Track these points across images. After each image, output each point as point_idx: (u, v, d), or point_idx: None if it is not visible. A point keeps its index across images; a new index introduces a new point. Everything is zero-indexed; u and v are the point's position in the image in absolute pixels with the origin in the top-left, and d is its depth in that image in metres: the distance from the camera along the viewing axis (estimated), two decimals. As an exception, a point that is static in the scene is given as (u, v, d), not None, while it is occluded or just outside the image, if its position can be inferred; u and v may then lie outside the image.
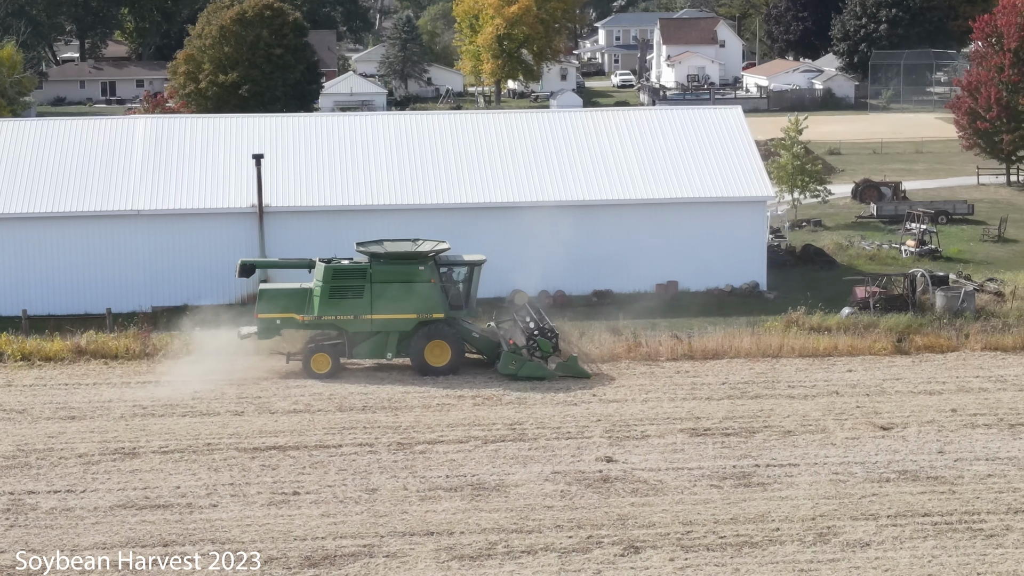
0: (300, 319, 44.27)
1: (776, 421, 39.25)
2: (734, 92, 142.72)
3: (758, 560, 29.30)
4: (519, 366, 43.46)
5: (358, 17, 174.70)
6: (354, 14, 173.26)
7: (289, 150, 54.92)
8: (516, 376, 43.32)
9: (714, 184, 54.44)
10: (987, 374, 44.28)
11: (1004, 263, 60.39)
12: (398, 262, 44.32)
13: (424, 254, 44.61)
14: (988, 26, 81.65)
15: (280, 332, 44.70)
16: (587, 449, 36.78)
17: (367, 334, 44.28)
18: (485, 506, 32.60)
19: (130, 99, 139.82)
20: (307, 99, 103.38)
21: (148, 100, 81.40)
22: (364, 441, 37.70)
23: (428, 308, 44.06)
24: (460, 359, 44.23)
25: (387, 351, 44.36)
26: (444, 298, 44.31)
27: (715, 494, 33.30)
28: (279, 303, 44.39)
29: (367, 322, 44.04)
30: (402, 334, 44.18)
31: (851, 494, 33.15)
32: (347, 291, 43.93)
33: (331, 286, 43.95)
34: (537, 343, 44.08)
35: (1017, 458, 35.84)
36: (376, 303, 43.86)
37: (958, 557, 29.37)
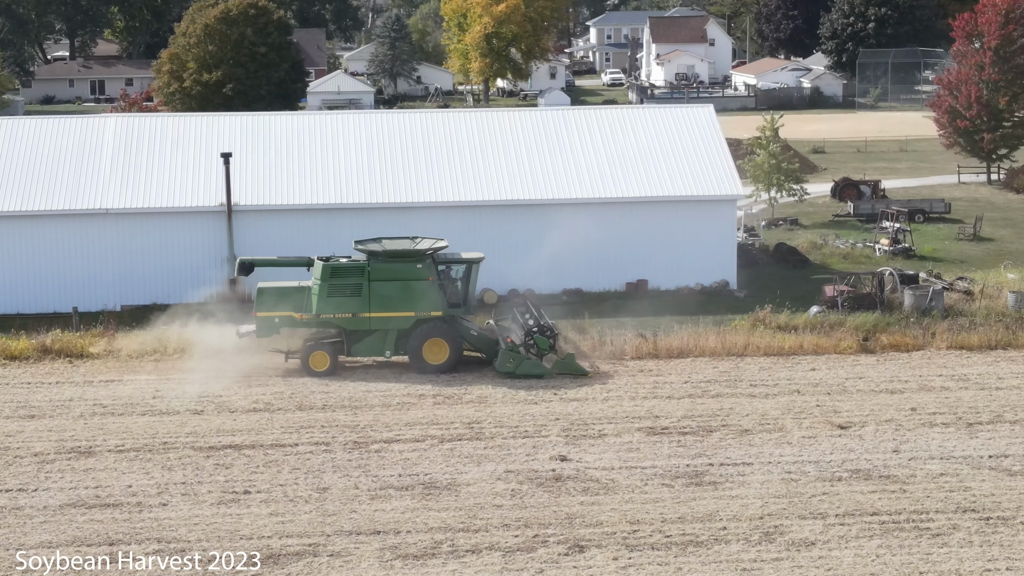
0: (298, 317, 44.34)
1: (734, 420, 39.22)
2: (722, 91, 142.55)
3: (701, 559, 29.27)
4: (516, 364, 43.49)
5: (348, 16, 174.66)
6: (344, 13, 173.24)
7: (260, 149, 54.87)
8: (514, 374, 43.38)
9: (684, 183, 54.37)
10: (950, 373, 44.24)
11: (978, 262, 60.34)
12: (396, 260, 44.41)
13: (422, 252, 44.67)
14: (968, 24, 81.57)
15: (278, 330, 44.74)
16: (543, 448, 36.75)
17: (365, 332, 44.34)
18: (434, 505, 32.57)
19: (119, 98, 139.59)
20: (291, 98, 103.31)
21: (125, 99, 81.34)
22: (320, 440, 37.68)
23: (426, 306, 44.11)
24: (458, 357, 44.33)
25: (385, 349, 44.40)
26: (442, 296, 44.38)
27: (665, 493, 33.27)
28: (277, 301, 44.47)
29: (365, 320, 44.11)
30: (400, 332, 44.24)
31: (801, 493, 33.13)
32: (345, 289, 44.01)
33: (329, 284, 44.03)
34: (535, 341, 44.12)
35: (972, 457, 35.81)
36: (374, 301, 43.93)
37: (902, 556, 29.35)
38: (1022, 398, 41.21)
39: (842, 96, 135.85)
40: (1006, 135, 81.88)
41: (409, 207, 53.00)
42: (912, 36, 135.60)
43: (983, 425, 38.64)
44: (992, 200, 77.89)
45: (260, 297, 44.69)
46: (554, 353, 44.47)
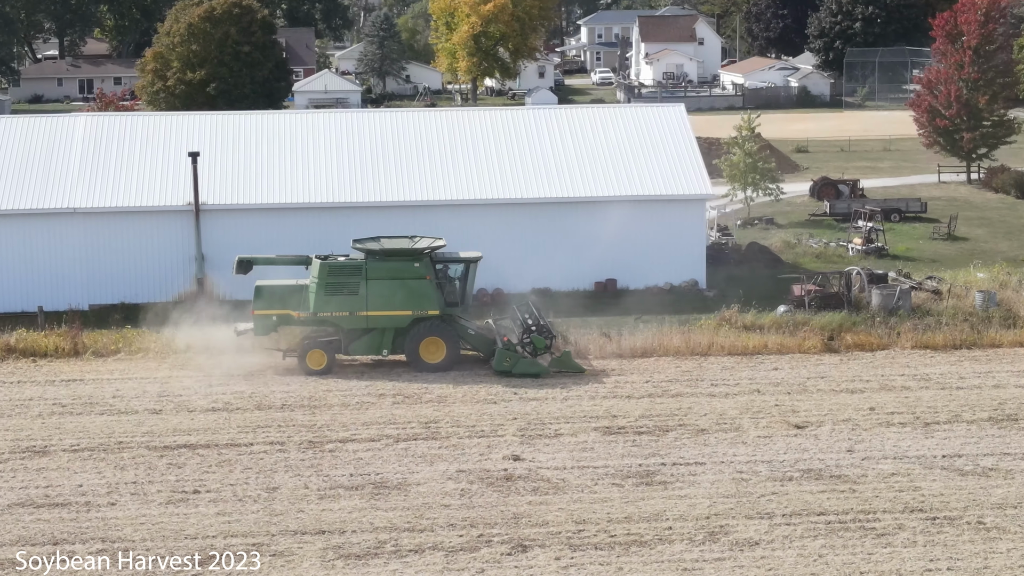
0: (296, 315, 44.44)
1: (692, 419, 39.19)
2: (709, 90, 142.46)
3: (643, 559, 29.26)
4: (513, 363, 43.57)
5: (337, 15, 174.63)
6: (333, 12, 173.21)
7: (229, 148, 54.81)
8: (511, 373, 43.43)
9: (654, 182, 54.33)
10: (913, 372, 44.21)
11: (950, 261, 60.28)
12: (394, 259, 44.48)
13: (420, 251, 44.73)
14: (948, 23, 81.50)
15: (276, 328, 44.82)
16: (497, 448, 36.73)
17: (363, 331, 44.41)
18: (383, 505, 32.55)
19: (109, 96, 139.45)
20: (275, 97, 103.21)
21: (101, 98, 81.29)
22: (276, 440, 37.66)
23: (424, 305, 44.19)
24: (455, 356, 44.41)
25: (383, 348, 44.48)
26: (440, 295, 44.46)
27: (615, 493, 33.25)
28: (275, 299, 44.53)
29: (363, 319, 44.20)
30: (398, 331, 44.31)
31: (751, 493, 33.10)
32: (343, 288, 44.08)
33: (327, 283, 44.11)
34: (531, 340, 44.16)
35: (925, 457, 35.79)
36: (372, 300, 44.02)
37: (844, 556, 29.32)
38: (982, 398, 41.18)
39: (829, 95, 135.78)
40: (986, 134, 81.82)
41: (378, 206, 52.97)
42: (900, 35, 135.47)
43: (940, 425, 38.61)
44: (970, 199, 77.84)
45: (258, 295, 44.74)
46: (551, 352, 44.53)
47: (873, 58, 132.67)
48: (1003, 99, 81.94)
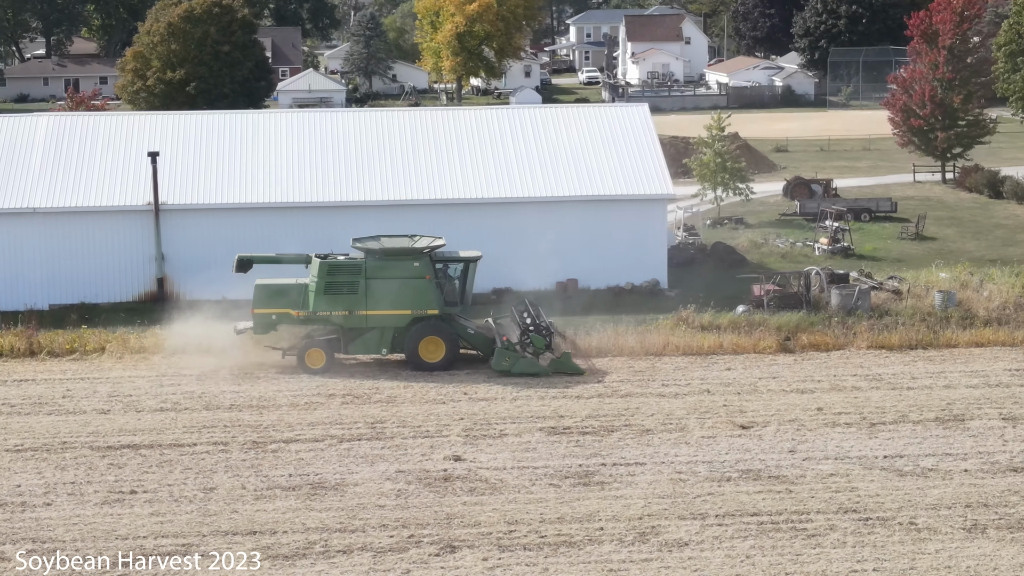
0: (295, 314, 44.51)
1: (638, 420, 39.17)
2: (694, 89, 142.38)
3: (571, 560, 29.24)
4: (512, 363, 43.65)
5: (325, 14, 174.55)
6: (321, 11, 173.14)
7: (191, 148, 54.78)
8: (510, 372, 43.50)
9: (615, 182, 54.28)
10: (865, 372, 44.20)
11: (917, 261, 60.20)
12: (393, 258, 44.55)
13: (419, 250, 44.79)
14: (924, 23, 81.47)
15: (275, 327, 44.89)
16: (439, 448, 36.71)
17: (362, 330, 44.49)
18: (317, 505, 32.54)
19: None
20: (255, 96, 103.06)
21: (72, 98, 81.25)
22: (220, 440, 37.64)
23: (423, 304, 44.30)
24: (455, 355, 44.52)
25: (382, 347, 44.56)
26: (439, 294, 44.54)
27: (551, 493, 33.23)
28: (274, 298, 44.58)
29: (362, 318, 44.29)
30: (397, 330, 44.38)
31: (687, 493, 33.08)
32: (342, 287, 44.16)
33: (326, 282, 44.21)
34: (531, 339, 44.20)
35: (866, 457, 35.77)
36: (371, 299, 44.13)
37: (772, 557, 29.30)
38: (931, 398, 41.17)
39: (814, 95, 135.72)
40: (960, 134, 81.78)
41: (337, 206, 52.98)
42: (885, 34, 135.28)
43: (886, 425, 38.60)
44: (944, 199, 77.79)
45: (257, 294, 44.79)
46: (550, 352, 44.61)
47: (857, 57, 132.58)
48: (978, 99, 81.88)
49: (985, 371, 44.18)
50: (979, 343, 47.44)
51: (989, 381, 43.03)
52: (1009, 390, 42.02)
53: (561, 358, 44.29)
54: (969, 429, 38.18)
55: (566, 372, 43.84)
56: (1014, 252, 62.30)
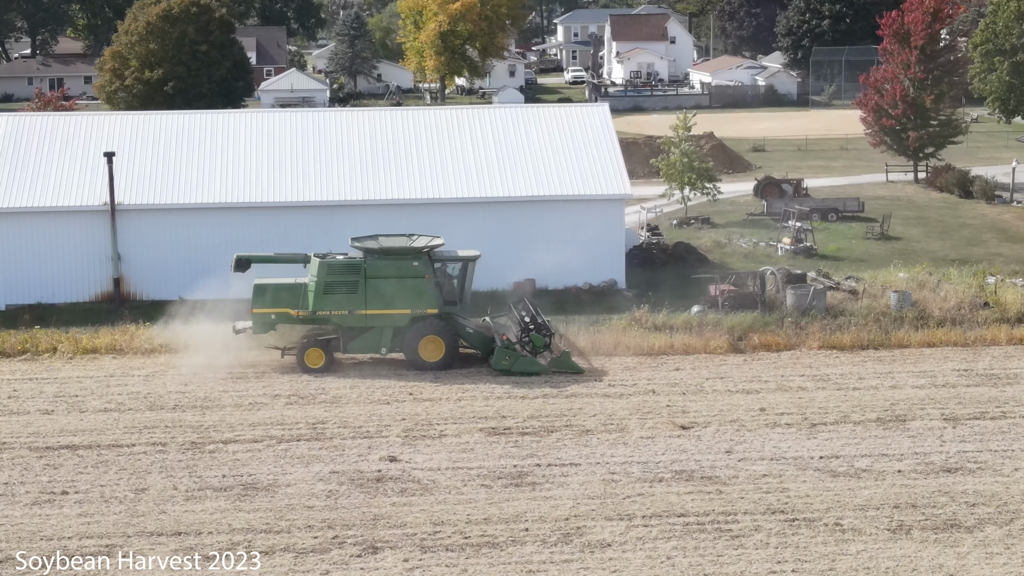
0: (295, 314, 44.59)
1: (579, 420, 39.16)
2: (676, 89, 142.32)
3: (491, 561, 29.23)
4: (512, 362, 43.75)
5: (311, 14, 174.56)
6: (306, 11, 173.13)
7: (149, 148, 54.77)
8: (509, 371, 43.59)
9: (573, 182, 54.29)
10: (813, 372, 44.19)
11: (879, 260, 60.19)
12: (392, 257, 44.64)
13: (418, 249, 44.87)
14: (895, 23, 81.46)
15: (275, 327, 44.98)
16: (377, 449, 36.71)
17: (362, 329, 44.57)
18: (246, 506, 32.52)
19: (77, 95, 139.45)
20: (234, 96, 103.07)
21: (40, 97, 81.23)
22: (159, 440, 37.63)
23: (422, 303, 44.38)
24: (454, 354, 44.60)
25: (381, 346, 44.64)
26: (438, 293, 44.65)
27: (481, 494, 33.22)
28: (274, 298, 44.65)
29: (361, 317, 44.37)
30: (396, 329, 44.47)
31: (617, 494, 33.07)
32: (342, 286, 44.24)
33: (326, 281, 44.28)
34: (530, 338, 44.25)
35: (802, 458, 35.75)
36: (371, 298, 44.21)
37: (692, 558, 29.28)
38: (876, 398, 41.17)
39: (796, 94, 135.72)
40: (932, 134, 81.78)
41: (294, 206, 53.03)
42: (868, 33, 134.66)
43: (827, 426, 38.58)
44: (914, 199, 77.79)
45: (257, 293, 44.84)
46: (550, 351, 44.70)
47: (840, 57, 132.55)
48: (950, 99, 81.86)
49: (933, 371, 44.17)
50: (931, 343, 47.44)
51: (936, 382, 43.02)
52: (955, 390, 42.01)
53: (561, 357, 44.41)
54: (909, 430, 38.17)
55: (566, 371, 43.91)
56: (977, 252, 62.38)
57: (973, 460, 35.51)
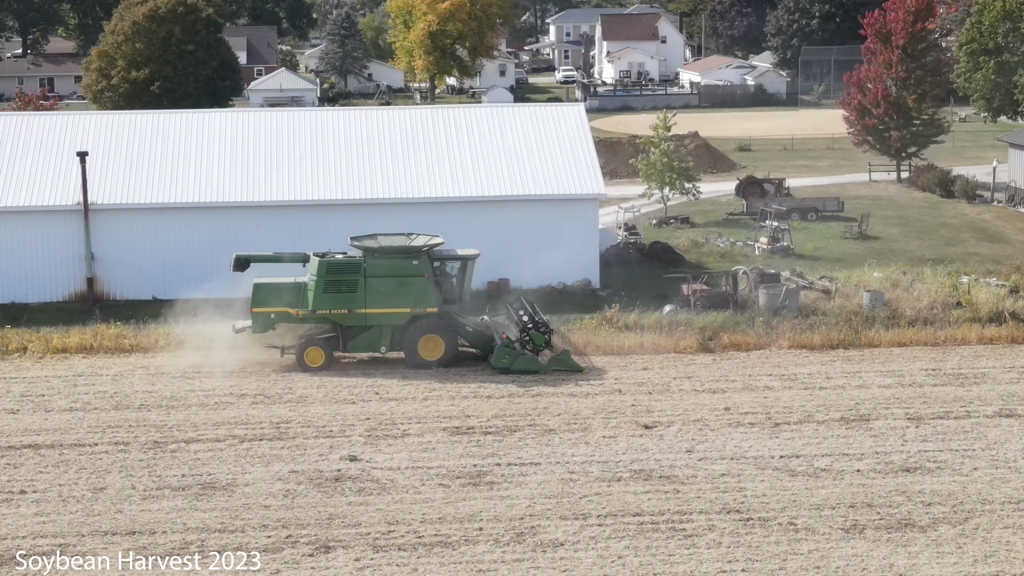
0: (295, 313, 44.66)
1: (543, 419, 39.17)
2: (665, 88, 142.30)
3: (442, 560, 29.24)
4: (512, 360, 43.85)
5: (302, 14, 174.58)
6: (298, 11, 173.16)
7: (123, 148, 54.82)
8: (509, 370, 43.68)
9: (547, 182, 54.32)
10: (782, 372, 44.19)
11: (856, 260, 60.14)
12: (392, 256, 44.74)
13: (418, 248, 44.96)
14: (878, 22, 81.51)
15: (274, 326, 45.04)
16: (339, 448, 36.71)
17: (361, 328, 44.67)
18: (203, 506, 32.53)
19: (68, 95, 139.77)
20: (220, 95, 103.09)
21: (20, 97, 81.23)
22: (121, 440, 37.63)
23: (422, 302, 44.48)
24: (453, 353, 44.71)
25: (381, 345, 44.73)
26: (438, 292, 44.75)
27: (439, 493, 33.23)
28: (273, 297, 44.73)
29: (361, 316, 44.46)
30: (396, 328, 44.58)
31: (574, 493, 33.08)
32: (341, 285, 44.29)
33: (326, 280, 44.32)
34: (530, 337, 44.35)
35: (762, 457, 35.76)
36: (370, 297, 44.30)
37: (644, 557, 29.29)
38: (841, 398, 41.17)
39: (785, 93, 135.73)
40: (915, 133, 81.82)
41: (268, 206, 53.07)
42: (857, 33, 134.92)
43: (790, 425, 38.60)
44: (895, 198, 77.81)
45: (256, 293, 44.87)
46: (549, 349, 44.80)
47: (829, 56, 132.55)
48: (932, 98, 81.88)
49: (901, 371, 44.19)
50: (901, 343, 47.46)
51: (903, 381, 43.03)
52: (921, 390, 42.02)
53: (560, 355, 44.52)
54: (872, 429, 38.19)
55: (566, 369, 44.01)
56: (955, 252, 62.41)
57: (933, 460, 35.52)
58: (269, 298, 44.74)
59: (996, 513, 31.73)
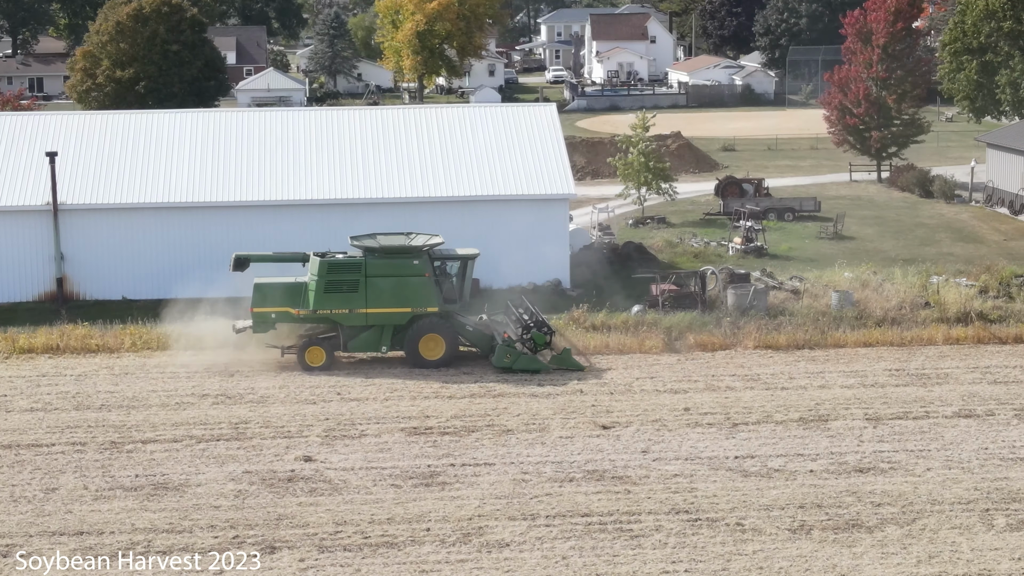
0: (295, 313, 44.71)
1: (502, 420, 39.18)
2: (653, 88, 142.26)
3: (386, 561, 29.26)
4: (513, 359, 43.97)
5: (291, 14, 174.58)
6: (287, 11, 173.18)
7: (93, 148, 54.79)
8: (511, 369, 43.80)
9: (517, 182, 54.31)
10: (745, 372, 44.19)
11: (829, 260, 60.02)
12: (393, 256, 44.82)
13: (418, 248, 45.04)
14: (859, 22, 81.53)
15: (274, 326, 45.09)
16: (295, 448, 36.72)
17: (362, 328, 44.73)
18: (153, 506, 32.54)
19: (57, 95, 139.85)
20: (205, 95, 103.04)
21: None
22: (79, 440, 37.63)
23: (422, 302, 44.58)
24: (454, 352, 44.79)
25: (382, 344, 44.82)
26: (438, 292, 44.83)
27: (390, 494, 33.25)
28: (274, 297, 44.76)
29: (362, 316, 44.51)
30: (397, 327, 44.66)
31: (524, 494, 33.10)
32: (343, 285, 44.36)
33: (327, 280, 44.37)
34: (532, 336, 44.44)
35: (717, 457, 35.77)
36: (371, 297, 44.36)
37: (588, 558, 29.30)
38: (802, 398, 41.18)
39: (773, 93, 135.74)
40: (896, 133, 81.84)
41: (238, 206, 53.02)
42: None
43: (748, 425, 38.61)
44: (875, 198, 77.81)
45: (257, 293, 44.90)
46: (550, 349, 44.86)
47: (816, 56, 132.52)
48: (912, 98, 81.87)
49: (865, 371, 44.20)
50: (868, 343, 47.47)
51: (866, 381, 43.05)
52: (883, 390, 42.04)
53: (561, 354, 44.64)
54: (830, 429, 38.20)
55: (567, 368, 44.11)
56: (929, 252, 62.40)
57: (887, 460, 35.54)
58: (270, 298, 44.79)
59: (945, 514, 31.75)
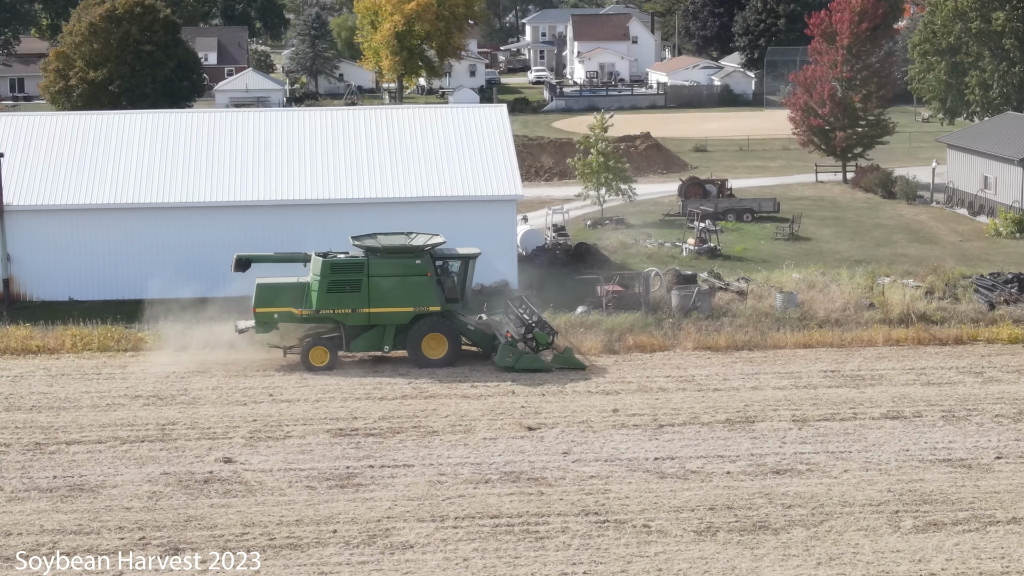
0: (298, 313, 44.83)
1: (430, 421, 39.22)
2: (632, 89, 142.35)
3: (287, 563, 29.29)
4: (516, 358, 44.13)
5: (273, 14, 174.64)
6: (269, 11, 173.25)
7: (41, 149, 54.84)
8: (513, 368, 43.91)
9: (465, 183, 54.36)
10: (680, 374, 44.21)
11: (781, 261, 60.02)
12: (395, 256, 44.92)
13: (420, 248, 45.17)
14: (824, 22, 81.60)
15: (277, 326, 45.21)
16: (217, 450, 36.75)
17: (364, 327, 44.89)
18: (66, 507, 32.57)
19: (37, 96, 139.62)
20: (178, 96, 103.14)
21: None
22: (3, 442, 37.65)
23: (425, 301, 44.73)
24: (456, 351, 44.93)
25: (384, 344, 44.97)
26: (440, 291, 44.93)
27: (303, 495, 33.29)
28: (276, 297, 44.88)
29: (365, 316, 44.67)
30: (399, 327, 44.80)
31: (437, 495, 33.13)
32: (345, 285, 44.48)
33: (329, 280, 44.49)
34: (534, 336, 44.59)
35: (636, 459, 35.80)
36: (373, 297, 44.49)
37: (489, 560, 29.33)
38: (732, 400, 41.21)
39: (752, 93, 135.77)
40: (861, 134, 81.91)
41: (184, 207, 53.04)
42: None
43: (674, 427, 38.63)
44: (838, 199, 77.86)
45: (259, 293, 45.00)
46: (552, 348, 44.95)
47: (795, 56, 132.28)
48: (878, 99, 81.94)
49: (800, 372, 44.24)
50: (807, 344, 47.49)
51: (799, 383, 43.08)
52: (815, 392, 42.07)
53: (563, 353, 44.79)
54: (754, 431, 38.23)
55: (569, 367, 44.25)
56: (883, 252, 62.43)
57: (806, 462, 35.57)
58: (271, 298, 44.89)
59: (854, 516, 31.79)
